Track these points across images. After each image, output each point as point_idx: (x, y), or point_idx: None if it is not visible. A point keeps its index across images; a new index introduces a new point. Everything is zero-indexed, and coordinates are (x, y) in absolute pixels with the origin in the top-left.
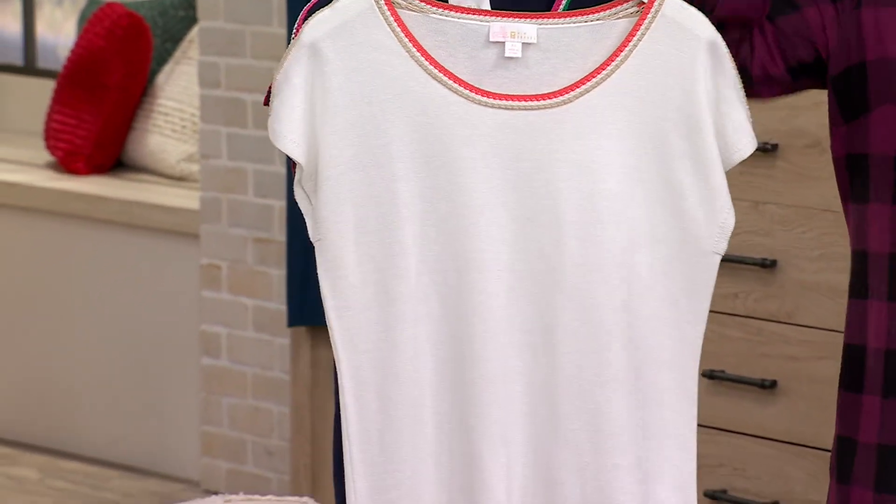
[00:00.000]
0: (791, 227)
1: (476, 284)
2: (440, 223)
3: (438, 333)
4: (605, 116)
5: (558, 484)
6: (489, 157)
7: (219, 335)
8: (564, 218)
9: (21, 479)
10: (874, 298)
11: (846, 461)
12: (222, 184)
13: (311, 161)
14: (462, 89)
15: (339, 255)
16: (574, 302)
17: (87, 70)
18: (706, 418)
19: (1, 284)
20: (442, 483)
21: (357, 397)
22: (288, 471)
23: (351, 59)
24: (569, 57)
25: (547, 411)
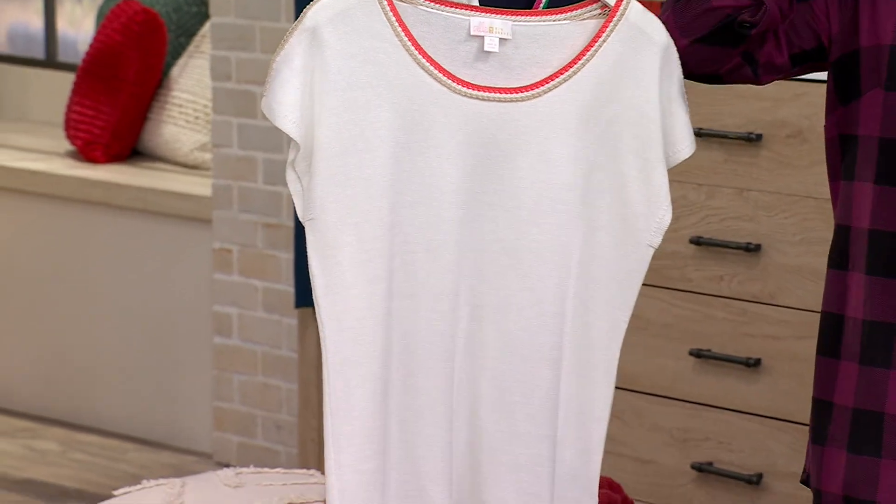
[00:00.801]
0: (774, 212)
1: (441, 264)
2: (415, 205)
3: (409, 311)
4: (567, 112)
5: (491, 450)
6: (462, 145)
7: (230, 315)
8: (522, 204)
9: (43, 452)
10: (854, 270)
11: (822, 423)
12: (233, 172)
13: (307, 141)
14: (444, 78)
15: (329, 235)
16: (525, 283)
17: (105, 63)
18: (693, 395)
19: (23, 267)
20: (403, 455)
21: (339, 373)
22: (296, 444)
23: (349, 44)
24: (539, 53)
25: (490, 384)
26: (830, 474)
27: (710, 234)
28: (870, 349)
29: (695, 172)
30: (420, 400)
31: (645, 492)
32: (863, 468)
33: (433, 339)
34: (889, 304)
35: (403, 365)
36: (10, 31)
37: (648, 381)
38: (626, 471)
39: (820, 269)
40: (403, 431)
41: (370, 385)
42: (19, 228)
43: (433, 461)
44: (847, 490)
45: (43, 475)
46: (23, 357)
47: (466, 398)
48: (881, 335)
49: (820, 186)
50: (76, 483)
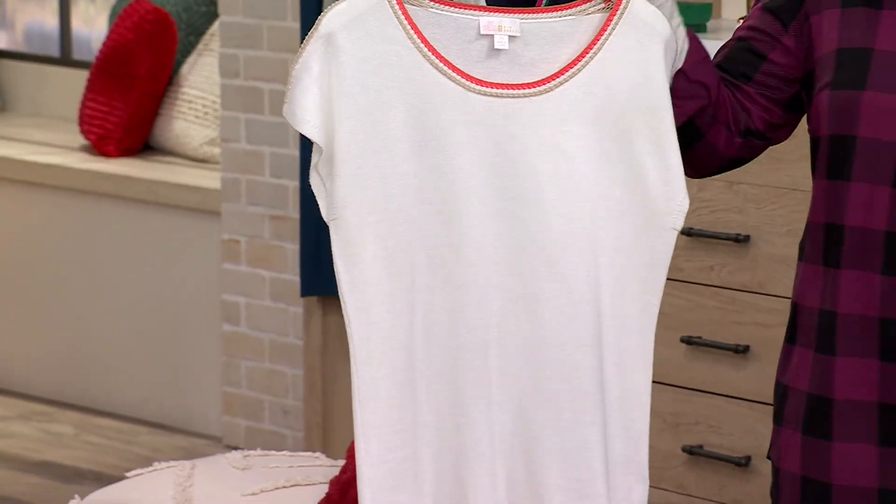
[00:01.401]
0: (762, 204)
1: (467, 258)
2: (436, 203)
3: (433, 304)
4: (579, 104)
5: (538, 438)
6: (480, 141)
7: (238, 304)
8: (545, 197)
9: (59, 435)
10: (809, 262)
11: (780, 404)
12: (241, 165)
13: (329, 144)
14: (458, 77)
15: (352, 233)
16: (554, 273)
17: (117, 61)
18: (684, 380)
19: (39, 258)
20: (439, 445)
21: (368, 365)
22: (302, 428)
23: (363, 49)
24: (548, 49)
25: (529, 374)
26: (787, 455)
27: (701, 225)
28: (823, 337)
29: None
30: (454, 390)
31: None
32: (816, 450)
33: (461, 331)
34: (832, 293)
35: (431, 356)
36: (26, 29)
37: None
38: None
39: None
40: (439, 421)
41: (397, 376)
42: (35, 220)
43: (473, 451)
44: (804, 471)
45: (59, 457)
46: (39, 344)
47: (507, 388)
48: (829, 323)
49: (807, 180)
50: (91, 465)
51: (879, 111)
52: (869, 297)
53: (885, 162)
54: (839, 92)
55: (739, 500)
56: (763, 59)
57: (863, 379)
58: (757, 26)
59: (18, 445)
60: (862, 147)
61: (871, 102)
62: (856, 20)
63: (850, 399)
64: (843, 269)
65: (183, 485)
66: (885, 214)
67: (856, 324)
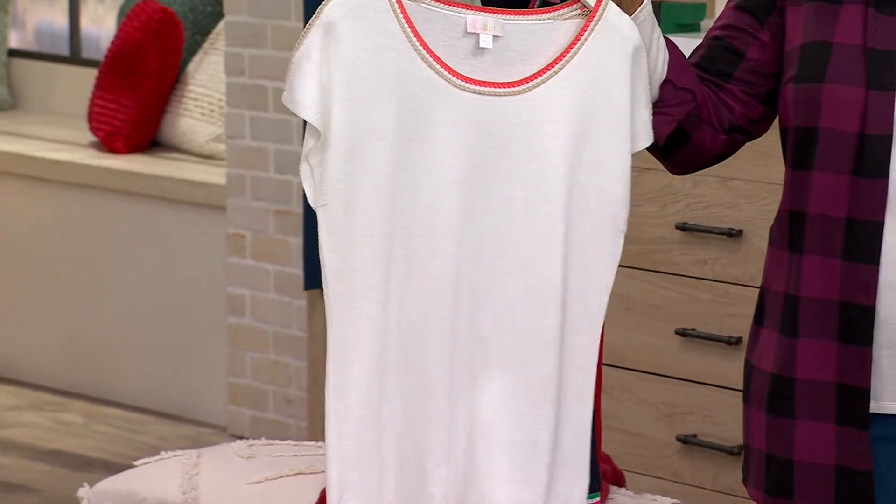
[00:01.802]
0: (755, 200)
1: (439, 251)
2: (415, 193)
3: (408, 294)
4: (553, 105)
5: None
6: (461, 136)
7: (243, 297)
8: (515, 195)
9: (69, 424)
10: (774, 247)
11: (747, 383)
12: (246, 161)
13: (325, 130)
14: (445, 73)
15: (339, 222)
16: (518, 269)
17: (125, 60)
18: (678, 371)
19: (49, 251)
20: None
21: (340, 351)
22: (305, 418)
23: (361, 39)
24: (528, 50)
25: (490, 368)
26: (753, 432)
27: (695, 220)
28: (787, 319)
29: None
30: (420, 379)
31: (633, 463)
32: (780, 428)
33: (432, 321)
34: (796, 277)
35: (404, 344)
36: (36, 28)
37: (636, 359)
38: (615, 443)
39: None
40: (406, 408)
41: (368, 363)
42: (45, 215)
43: (433, 439)
44: (769, 448)
45: (69, 446)
46: (49, 335)
47: (467, 379)
48: (792, 306)
49: None
50: (100, 453)
51: (839, 103)
52: (829, 281)
53: (845, 151)
54: (802, 85)
55: (732, 489)
56: (741, 56)
57: (822, 360)
58: (732, 24)
59: (30, 434)
60: (823, 137)
61: (830, 94)
62: (818, 15)
63: (811, 379)
64: (806, 254)
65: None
66: (844, 202)
67: (817, 307)
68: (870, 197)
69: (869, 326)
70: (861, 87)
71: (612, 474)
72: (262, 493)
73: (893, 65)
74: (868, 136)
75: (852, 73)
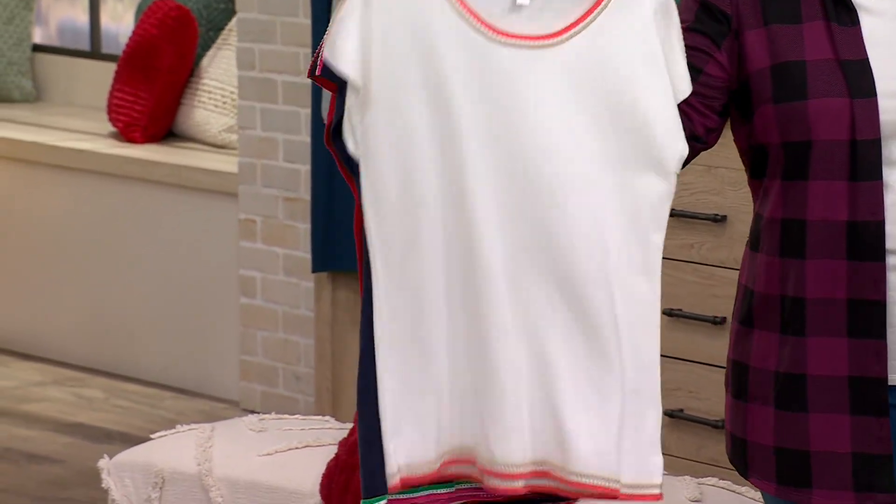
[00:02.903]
0: (739, 187)
1: (472, 200)
2: (459, 142)
3: (451, 237)
4: (588, 57)
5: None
6: (489, 87)
7: (254, 279)
8: (550, 144)
9: (90, 399)
10: (762, 252)
11: (741, 382)
12: (257, 151)
13: (366, 83)
14: (482, 28)
15: (380, 166)
16: (561, 211)
17: (143, 54)
18: (666, 349)
19: (71, 235)
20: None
21: (388, 284)
22: (313, 393)
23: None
24: (560, 7)
25: (541, 306)
26: (757, 428)
27: (682, 206)
28: (788, 320)
29: None
30: (472, 315)
31: None
32: (792, 422)
33: (478, 262)
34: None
35: (451, 283)
36: (59, 25)
37: None
38: None
39: None
40: (455, 342)
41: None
42: (67, 201)
43: (493, 378)
44: (779, 442)
45: (90, 419)
46: (72, 315)
47: (521, 318)
48: (797, 309)
49: None
50: (119, 426)
51: (827, 115)
52: (836, 282)
53: (839, 159)
54: (783, 105)
55: (716, 459)
56: (699, 72)
57: (834, 356)
58: (689, 44)
59: (53, 409)
60: (817, 149)
61: (817, 109)
62: (781, 36)
63: (824, 375)
64: (809, 259)
65: (203, 445)
66: (844, 206)
67: (825, 307)
68: (868, 198)
69: (881, 319)
70: (845, 97)
71: None
72: (273, 465)
73: (867, 73)
74: (860, 142)
75: (834, 86)
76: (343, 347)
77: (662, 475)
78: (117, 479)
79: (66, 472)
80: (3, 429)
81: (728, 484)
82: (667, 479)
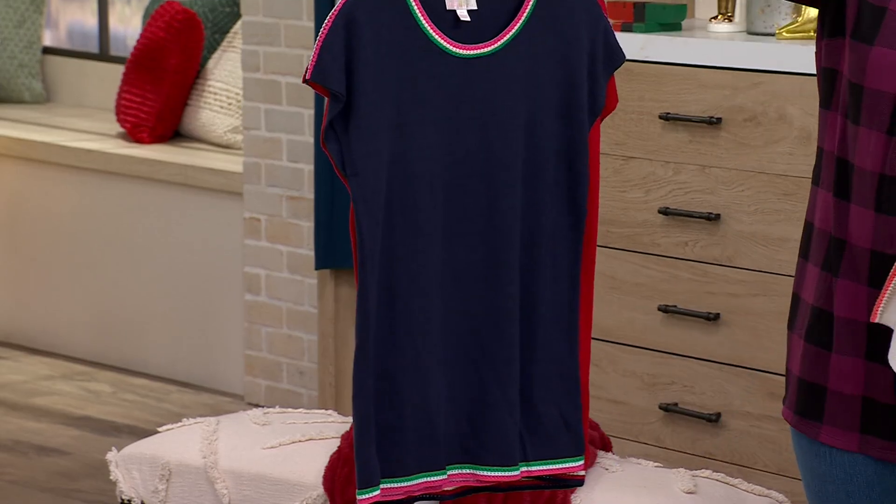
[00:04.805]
0: (732, 186)
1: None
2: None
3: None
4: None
5: None
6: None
7: (259, 276)
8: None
9: (97, 392)
10: (822, 188)
11: (794, 311)
12: (261, 151)
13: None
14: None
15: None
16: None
17: (150, 56)
18: (661, 345)
19: (80, 233)
20: None
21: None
22: (316, 388)
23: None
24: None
25: None
26: (794, 357)
27: (677, 205)
28: (828, 256)
29: (663, 151)
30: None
31: (619, 429)
32: (816, 357)
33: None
34: (841, 221)
35: None
36: (68, 28)
37: (622, 333)
38: (602, 411)
39: (770, 235)
40: None
41: None
42: (76, 200)
43: None
44: (803, 374)
45: (97, 413)
46: (81, 310)
47: None
48: (836, 248)
49: (772, 164)
50: (126, 420)
51: (883, 66)
52: (865, 230)
53: (883, 111)
54: (855, 43)
55: (710, 452)
56: None
57: (855, 301)
58: None
59: (62, 402)
60: (867, 97)
61: (876, 57)
62: None
63: (846, 317)
64: (852, 203)
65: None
66: (879, 158)
67: (856, 253)
68: None
69: None
70: None
71: (600, 440)
72: (276, 457)
73: None
74: None
75: None
76: (345, 343)
77: None
78: (125, 471)
79: (75, 465)
80: (14, 422)
81: (722, 476)
82: (662, 471)
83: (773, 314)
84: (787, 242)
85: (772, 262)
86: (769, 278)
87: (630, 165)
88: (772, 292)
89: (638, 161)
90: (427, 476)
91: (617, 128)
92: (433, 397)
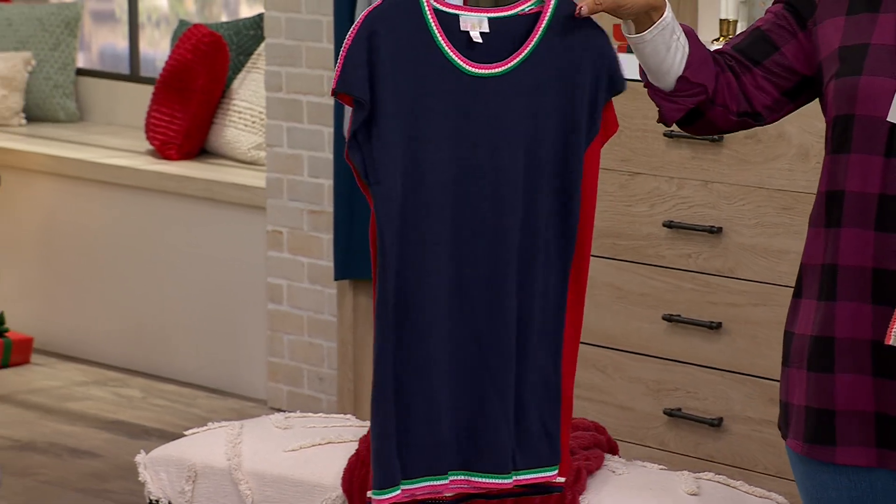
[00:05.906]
0: (733, 201)
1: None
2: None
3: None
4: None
5: None
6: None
7: (281, 286)
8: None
9: (129, 398)
10: (811, 227)
11: (787, 349)
12: (283, 167)
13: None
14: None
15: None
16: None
17: (178, 77)
18: (665, 352)
19: (111, 246)
20: None
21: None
22: (335, 393)
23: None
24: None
25: None
26: (795, 389)
27: (680, 218)
28: (826, 288)
29: (667, 168)
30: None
31: (625, 433)
32: (820, 382)
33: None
34: (832, 248)
35: None
36: (101, 50)
37: (628, 341)
38: (609, 416)
39: (770, 247)
40: None
41: None
42: (108, 214)
43: None
44: (809, 401)
45: (128, 417)
46: (113, 319)
47: None
48: (829, 275)
49: (771, 179)
50: (156, 423)
51: (873, 93)
52: (864, 250)
53: (878, 135)
54: (841, 80)
55: (712, 455)
56: (776, 49)
57: (859, 320)
58: (776, 22)
59: (94, 407)
60: (859, 123)
61: (866, 86)
62: (857, 24)
63: (849, 337)
64: (844, 227)
65: (233, 442)
66: (878, 179)
67: (853, 273)
68: None
69: None
70: (892, 78)
71: (607, 444)
72: (297, 460)
73: None
74: None
75: (885, 68)
76: (364, 350)
77: None
78: (153, 472)
79: (106, 466)
80: (49, 425)
81: (724, 478)
82: (666, 473)
83: (773, 323)
84: (786, 254)
85: (772, 273)
86: (769, 289)
87: (636, 181)
88: (772, 302)
89: (643, 177)
90: (431, 480)
91: (623, 145)
92: (439, 404)
